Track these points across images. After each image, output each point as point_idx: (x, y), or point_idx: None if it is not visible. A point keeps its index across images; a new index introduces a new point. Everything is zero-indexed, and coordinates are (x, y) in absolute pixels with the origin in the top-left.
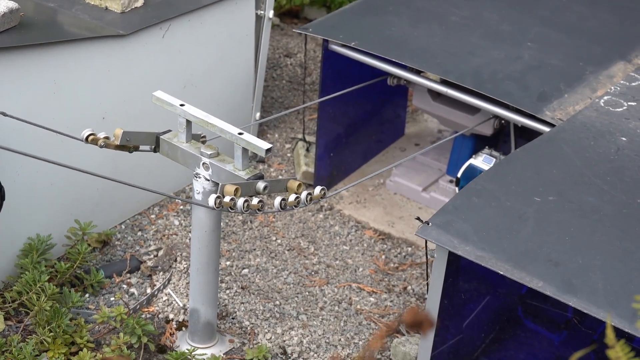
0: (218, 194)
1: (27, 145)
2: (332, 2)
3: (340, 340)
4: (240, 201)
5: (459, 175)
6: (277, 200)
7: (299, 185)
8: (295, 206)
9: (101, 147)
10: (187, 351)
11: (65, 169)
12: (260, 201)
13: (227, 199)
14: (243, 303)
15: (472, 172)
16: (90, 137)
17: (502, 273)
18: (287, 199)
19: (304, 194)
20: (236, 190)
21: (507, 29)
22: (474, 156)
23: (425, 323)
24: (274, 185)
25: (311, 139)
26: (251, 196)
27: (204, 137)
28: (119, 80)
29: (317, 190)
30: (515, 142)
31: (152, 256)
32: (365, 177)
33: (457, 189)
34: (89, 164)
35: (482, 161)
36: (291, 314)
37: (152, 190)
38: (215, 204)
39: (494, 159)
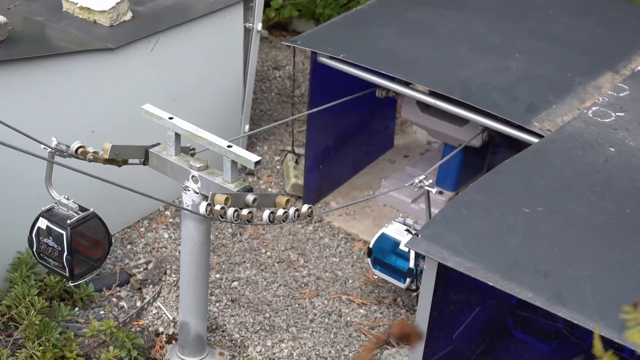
0: (209, 202)
1: (15, 158)
2: (320, 15)
3: (330, 352)
4: (230, 210)
5: (370, 245)
6: (266, 213)
7: (287, 201)
8: (283, 221)
9: (90, 161)
10: None
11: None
12: (250, 212)
13: (217, 207)
14: (233, 316)
15: (385, 241)
16: (80, 150)
17: (491, 284)
18: (276, 212)
19: (291, 210)
20: (226, 199)
21: (495, 40)
22: (386, 225)
23: (413, 335)
24: (263, 199)
25: (300, 151)
26: (241, 208)
27: (194, 149)
28: (108, 94)
29: (305, 208)
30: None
31: (141, 269)
32: (354, 189)
33: (369, 260)
34: (77, 176)
35: (395, 231)
36: (281, 327)
37: (153, 197)
38: (206, 212)
39: (408, 228)
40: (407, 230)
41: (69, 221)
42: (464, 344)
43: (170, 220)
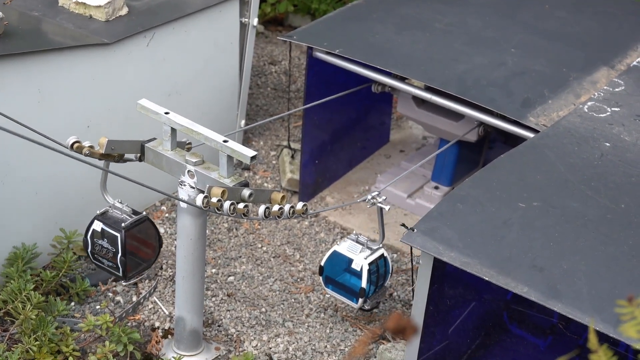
0: (205, 194)
1: (12, 154)
2: (316, 10)
3: (326, 347)
4: (227, 203)
5: (322, 263)
6: (262, 208)
7: (283, 198)
8: (279, 216)
9: (86, 155)
10: (173, 359)
11: (48, 177)
12: (246, 206)
13: (214, 199)
14: (229, 310)
15: (337, 259)
16: (75, 145)
17: (487, 279)
18: (271, 208)
19: (286, 207)
20: (223, 192)
21: (491, 35)
22: (338, 242)
23: (408, 329)
24: (259, 194)
25: (296, 146)
26: (237, 202)
27: (190, 144)
28: (104, 89)
29: (299, 205)
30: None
31: None
32: (349, 184)
33: (321, 278)
34: (74, 171)
35: (347, 248)
36: (277, 321)
37: (155, 190)
38: (202, 204)
39: (361, 246)
40: (362, 246)
41: (123, 224)
42: (460, 338)
43: (166, 215)
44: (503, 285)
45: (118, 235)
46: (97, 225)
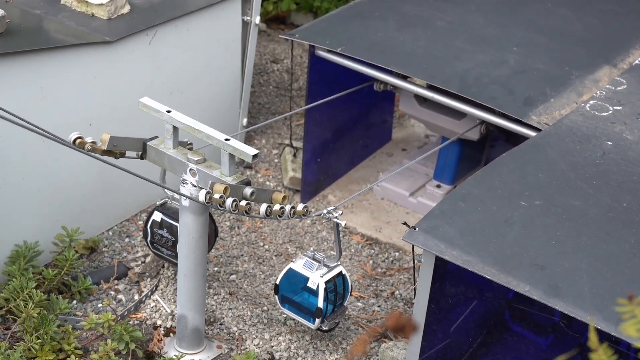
0: (208, 190)
1: (14, 152)
2: (318, 8)
3: (328, 345)
4: (229, 200)
5: (277, 281)
6: (263, 207)
7: (284, 198)
8: (280, 216)
9: (88, 151)
10: (175, 357)
11: (50, 175)
12: (247, 203)
13: (216, 195)
14: (231, 309)
15: (292, 277)
16: (78, 141)
17: (488, 277)
18: (272, 207)
19: (287, 207)
20: (225, 189)
21: (492, 33)
22: (294, 260)
23: (408, 327)
24: (260, 193)
25: (298, 144)
26: (239, 200)
27: (191, 144)
28: (106, 87)
29: (300, 207)
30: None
31: (139, 262)
32: (352, 182)
33: (276, 297)
34: (75, 169)
35: (303, 266)
36: (279, 320)
37: (161, 185)
38: (205, 199)
39: (317, 264)
40: (318, 264)
41: None
42: (462, 337)
43: None
44: (504, 283)
45: (177, 225)
46: (157, 216)
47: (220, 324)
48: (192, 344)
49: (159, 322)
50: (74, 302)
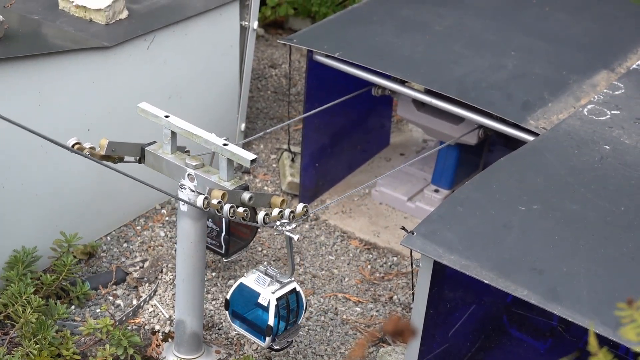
0: (206, 195)
1: (12, 157)
2: (316, 13)
3: (326, 350)
4: (227, 206)
5: (228, 296)
6: (261, 214)
7: (283, 202)
8: (279, 220)
9: (86, 156)
10: None
11: (48, 181)
12: (245, 210)
13: (214, 201)
14: None
15: (243, 292)
16: (76, 146)
17: (487, 282)
18: (271, 214)
19: (287, 211)
20: (223, 195)
21: (490, 38)
22: (245, 274)
23: (407, 331)
24: (259, 198)
25: (296, 149)
26: (237, 206)
27: (188, 151)
28: (104, 92)
29: (300, 207)
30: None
31: (137, 267)
32: (350, 187)
33: (227, 313)
34: (74, 175)
35: (255, 281)
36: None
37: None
38: (203, 205)
39: (269, 279)
40: (270, 279)
41: None
42: (460, 341)
43: (167, 218)
44: (503, 288)
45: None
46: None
47: (219, 329)
48: (190, 349)
49: (157, 327)
50: (73, 307)
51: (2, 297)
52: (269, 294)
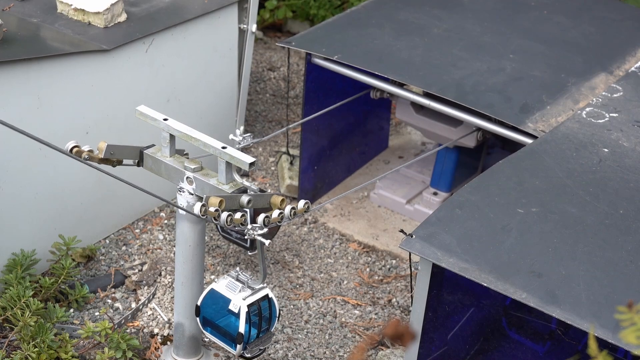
0: (203, 203)
1: (10, 160)
2: (315, 16)
3: (325, 353)
4: (224, 215)
5: (198, 302)
6: (261, 217)
7: (282, 201)
8: (279, 222)
9: (85, 159)
10: None
11: (47, 184)
12: (242, 215)
13: (211, 209)
14: None
15: (213, 298)
16: (75, 149)
17: (485, 285)
18: (271, 215)
19: (287, 209)
20: (220, 202)
21: (489, 40)
22: (216, 280)
23: (406, 335)
24: (258, 199)
25: (295, 152)
26: (235, 210)
27: (187, 154)
28: (103, 95)
29: (301, 204)
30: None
31: (136, 271)
32: (349, 189)
33: (198, 319)
34: (72, 178)
35: (226, 287)
36: (276, 327)
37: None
38: (200, 212)
39: (240, 284)
40: (242, 285)
41: None
42: (459, 344)
43: (165, 221)
44: (501, 291)
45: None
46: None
47: None
48: (189, 352)
49: (156, 330)
50: (71, 310)
51: (1, 300)
52: (239, 301)
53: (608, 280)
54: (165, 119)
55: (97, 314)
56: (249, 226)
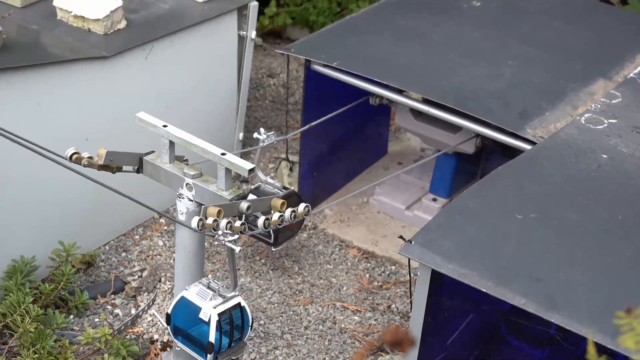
0: (200, 217)
1: (10, 166)
2: (314, 22)
3: (325, 359)
4: (223, 223)
5: (169, 310)
6: (261, 220)
7: (283, 204)
8: (279, 225)
9: (84, 166)
10: None
11: (47, 190)
12: (242, 224)
13: (209, 220)
14: None
15: (185, 307)
16: (74, 156)
17: (484, 290)
18: (271, 218)
19: (287, 212)
20: (219, 212)
21: (488, 46)
22: (187, 287)
23: (406, 341)
24: (258, 204)
25: (294, 158)
26: (234, 216)
27: (186, 160)
28: (102, 102)
29: (301, 207)
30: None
31: (136, 277)
32: (348, 194)
33: (168, 328)
34: (72, 184)
35: (196, 294)
36: (275, 334)
37: (147, 207)
38: (198, 227)
39: (211, 292)
40: (212, 293)
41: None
42: (458, 350)
43: (165, 227)
44: (501, 296)
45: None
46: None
47: None
48: (189, 359)
49: (155, 337)
50: (71, 316)
51: (1, 306)
52: (210, 309)
53: (607, 286)
54: (164, 126)
55: (96, 320)
56: (220, 232)
